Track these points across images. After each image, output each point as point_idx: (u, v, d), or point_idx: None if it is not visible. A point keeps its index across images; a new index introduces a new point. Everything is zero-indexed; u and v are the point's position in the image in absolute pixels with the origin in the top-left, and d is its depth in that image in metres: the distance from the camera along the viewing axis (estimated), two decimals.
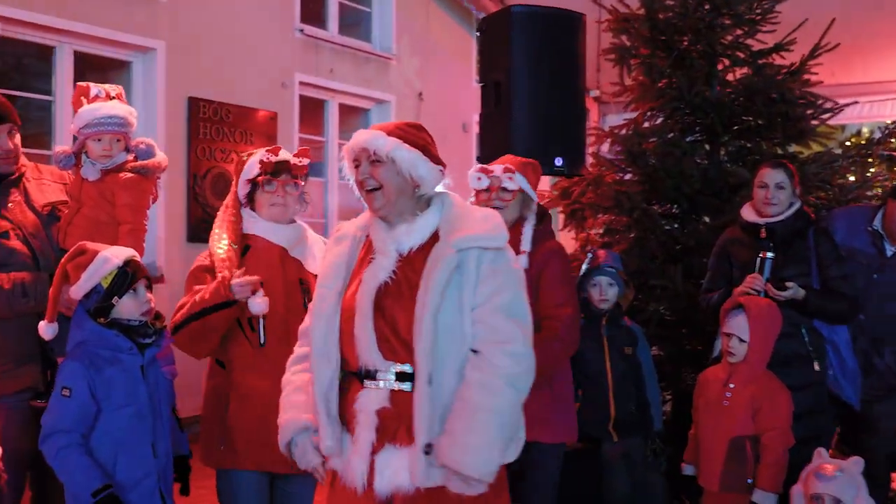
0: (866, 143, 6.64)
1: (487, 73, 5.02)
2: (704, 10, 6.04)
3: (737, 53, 6.17)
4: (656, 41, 6.15)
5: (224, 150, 8.37)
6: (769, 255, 4.52)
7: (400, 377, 2.78)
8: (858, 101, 8.73)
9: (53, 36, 7.27)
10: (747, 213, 4.81)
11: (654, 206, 6.14)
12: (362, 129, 2.93)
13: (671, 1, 6.11)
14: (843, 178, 6.29)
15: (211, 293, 3.53)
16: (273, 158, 3.67)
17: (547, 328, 3.86)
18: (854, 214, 5.12)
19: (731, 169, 6.05)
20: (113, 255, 3.40)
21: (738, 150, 6.22)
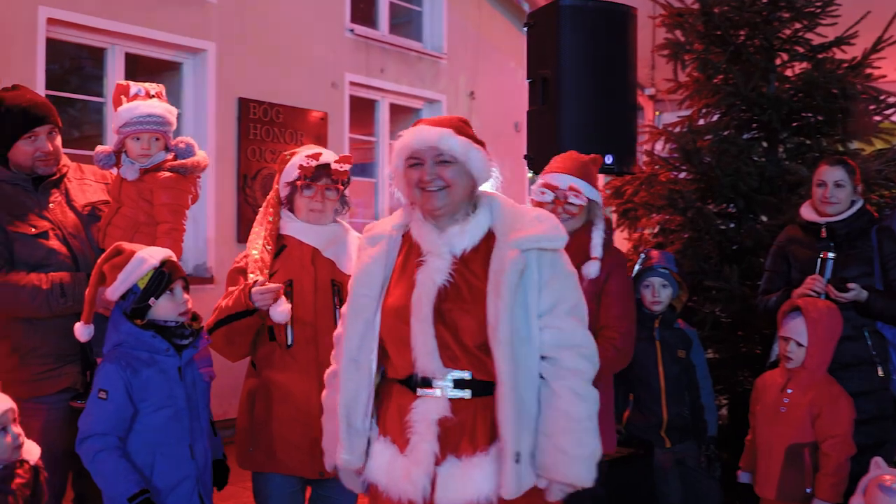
0: None
1: (535, 69, 4.91)
2: (761, 3, 5.92)
3: (795, 48, 6.04)
4: (711, 36, 6.04)
5: (274, 151, 8.34)
6: (830, 255, 4.44)
7: (458, 384, 2.71)
8: None
9: (105, 38, 7.32)
10: (807, 212, 4.71)
11: (709, 205, 6.01)
12: (420, 127, 2.82)
13: None
14: None
15: (233, 300, 3.54)
16: (313, 163, 3.62)
17: (605, 338, 3.87)
18: None
19: (790, 166, 5.93)
20: (149, 256, 3.36)
21: (797, 147, 6.08)
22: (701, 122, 6.22)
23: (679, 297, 4.75)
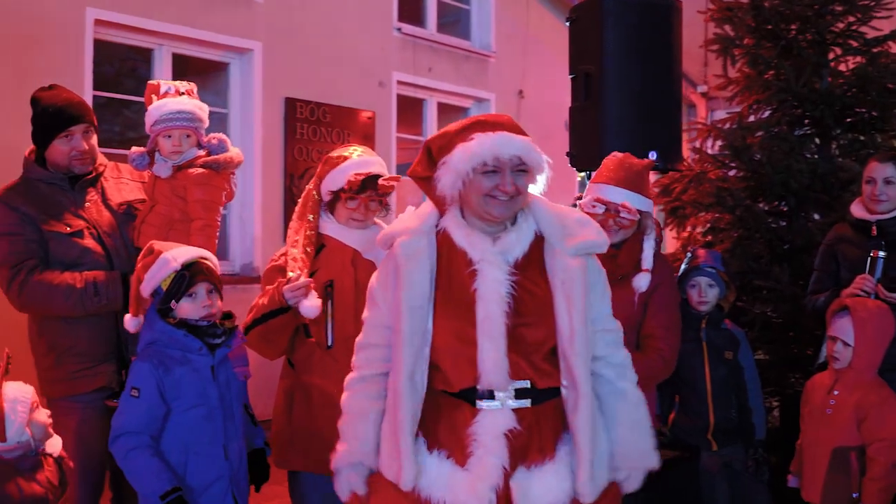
0: None
1: (578, 65, 4.83)
2: None
3: (849, 42, 5.92)
4: (761, 30, 5.93)
5: (321, 151, 8.33)
6: (881, 253, 4.32)
7: (519, 394, 2.67)
8: None
9: (152, 39, 7.38)
10: (857, 210, 4.60)
11: (759, 203, 5.91)
12: (503, 135, 2.68)
13: None
14: None
15: (269, 298, 3.53)
16: (360, 178, 3.59)
17: (652, 348, 3.91)
18: None
19: (843, 163, 5.80)
20: (173, 258, 3.37)
21: (851, 143, 5.94)
22: (751, 118, 6.12)
23: (727, 297, 4.64)
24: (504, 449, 2.64)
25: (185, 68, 7.66)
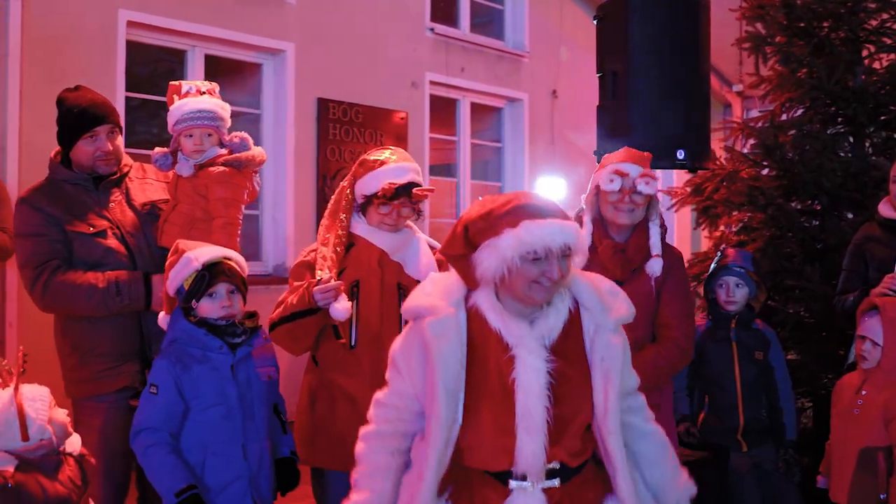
0: None
1: (604, 63, 4.80)
2: None
3: (883, 39, 5.87)
4: (794, 28, 5.90)
5: (354, 151, 8.35)
6: None
7: (549, 474, 2.63)
8: None
9: (184, 40, 7.41)
10: (885, 209, 4.58)
11: (792, 202, 5.85)
12: (555, 223, 2.57)
13: None
14: None
15: (298, 298, 3.52)
16: (394, 187, 3.59)
17: (667, 337, 3.88)
18: None
19: (876, 162, 5.74)
20: (195, 258, 3.40)
21: (885, 141, 5.90)
22: (784, 116, 6.08)
23: (757, 296, 4.62)
24: None
25: (217, 69, 7.68)
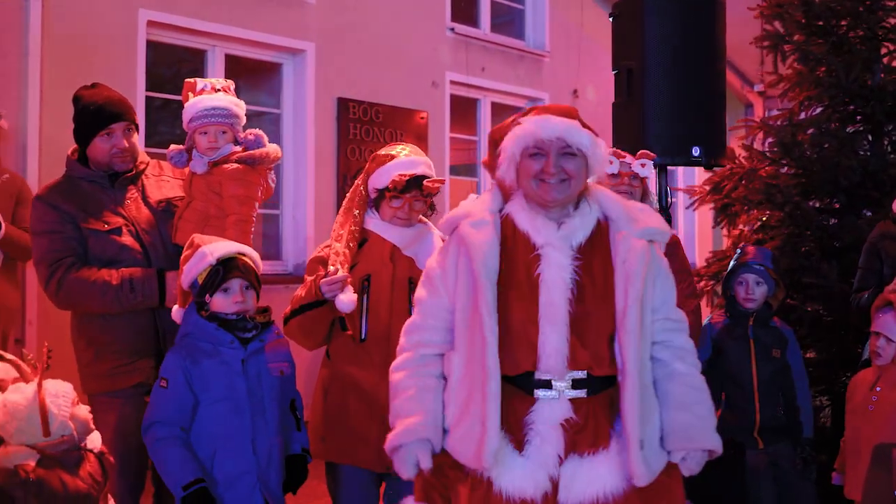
0: None
1: (620, 61, 4.81)
2: None
3: None
4: (812, 26, 5.89)
5: (374, 151, 8.28)
6: None
7: (576, 384, 2.68)
8: None
9: (204, 40, 7.42)
10: None
11: (811, 200, 5.84)
12: (546, 116, 2.75)
13: None
14: None
15: (306, 291, 3.58)
16: (405, 178, 3.62)
17: None
18: None
19: (895, 160, 5.71)
20: (210, 252, 3.41)
21: None
22: (802, 115, 6.06)
23: (776, 294, 4.60)
24: (560, 438, 2.66)
25: (238, 69, 7.70)
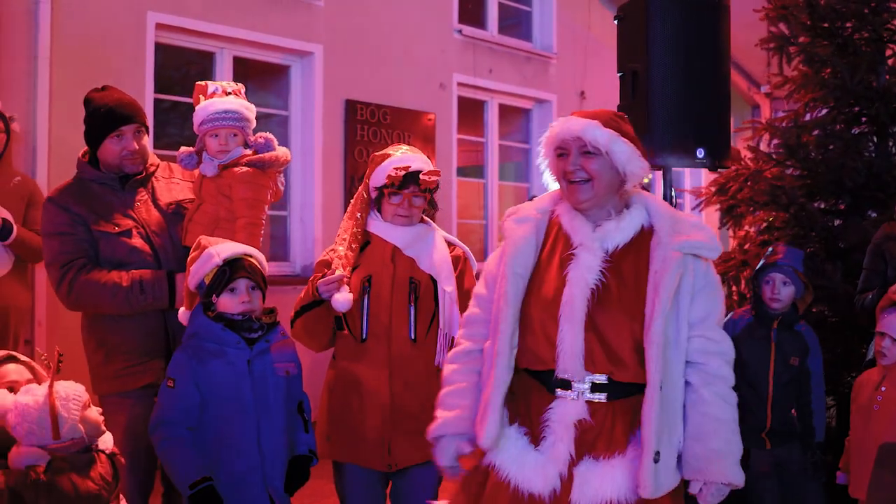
0: None
1: (625, 63, 4.81)
2: None
3: None
4: (817, 28, 5.91)
5: None
6: None
7: (595, 388, 2.70)
8: None
9: (213, 42, 7.45)
10: None
11: (816, 201, 5.85)
12: (568, 117, 2.83)
13: None
14: None
15: (305, 292, 3.64)
16: (400, 173, 3.65)
17: None
18: None
19: None
20: (216, 253, 3.44)
21: None
22: (808, 116, 6.08)
23: (803, 297, 4.54)
24: (572, 438, 2.68)
25: (246, 71, 7.74)
